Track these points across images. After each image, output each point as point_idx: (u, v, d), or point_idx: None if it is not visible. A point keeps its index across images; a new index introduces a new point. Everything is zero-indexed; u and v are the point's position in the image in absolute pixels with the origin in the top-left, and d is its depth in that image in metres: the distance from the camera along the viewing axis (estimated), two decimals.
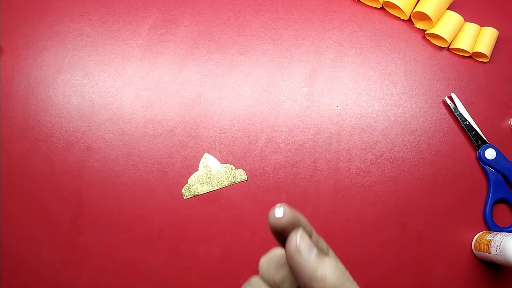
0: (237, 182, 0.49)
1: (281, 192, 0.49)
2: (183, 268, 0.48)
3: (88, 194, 0.48)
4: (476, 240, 0.49)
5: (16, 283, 0.47)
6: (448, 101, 0.52)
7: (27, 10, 0.51)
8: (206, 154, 0.49)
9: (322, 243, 0.28)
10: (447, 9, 0.52)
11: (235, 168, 0.49)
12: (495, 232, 0.47)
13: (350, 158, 0.51)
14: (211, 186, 0.49)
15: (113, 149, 0.49)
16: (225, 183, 0.49)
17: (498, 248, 0.44)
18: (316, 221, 0.49)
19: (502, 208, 0.51)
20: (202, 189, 0.49)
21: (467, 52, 0.53)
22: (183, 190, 0.49)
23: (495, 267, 0.50)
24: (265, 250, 0.52)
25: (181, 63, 0.51)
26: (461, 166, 0.51)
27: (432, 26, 0.52)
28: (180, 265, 0.48)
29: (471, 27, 0.53)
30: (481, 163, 0.51)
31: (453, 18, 0.52)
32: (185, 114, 0.50)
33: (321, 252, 0.26)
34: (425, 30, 0.53)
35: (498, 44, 0.54)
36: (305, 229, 0.26)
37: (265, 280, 0.28)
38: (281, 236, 0.26)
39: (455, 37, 0.53)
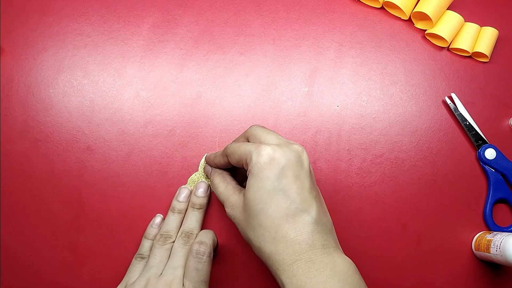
0: None
1: None
2: None
3: (88, 194, 0.48)
4: (476, 240, 0.49)
5: (16, 283, 0.47)
6: (448, 101, 0.52)
7: (27, 10, 0.51)
8: (206, 154, 0.49)
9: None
10: (447, 9, 0.52)
11: None
12: (495, 232, 0.47)
13: (350, 158, 0.51)
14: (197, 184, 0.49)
15: (113, 149, 0.49)
16: None
17: (498, 248, 0.44)
18: None
19: (502, 208, 0.51)
20: None
21: (467, 52, 0.53)
22: None
23: (495, 267, 0.50)
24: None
25: (181, 63, 0.51)
26: (461, 166, 0.51)
27: (432, 26, 0.52)
28: None
29: (471, 27, 0.53)
30: (481, 163, 0.51)
31: (453, 18, 0.52)
32: (185, 114, 0.50)
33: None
34: (425, 30, 0.53)
35: (498, 44, 0.54)
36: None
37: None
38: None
39: (455, 37, 0.53)
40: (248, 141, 0.42)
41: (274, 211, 0.36)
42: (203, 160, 0.49)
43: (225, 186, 0.43)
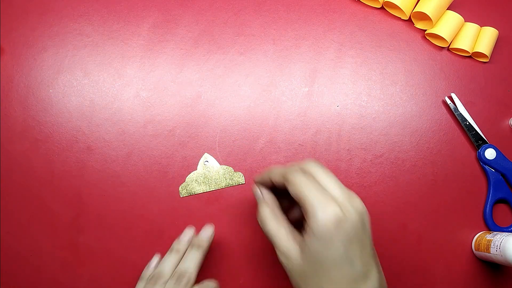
0: (234, 184, 0.49)
1: None
2: None
3: (88, 194, 0.48)
4: (476, 240, 0.49)
5: (16, 283, 0.47)
6: (448, 101, 0.52)
7: (27, 10, 0.51)
8: (206, 154, 0.49)
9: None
10: (447, 9, 0.52)
11: (234, 171, 0.49)
12: (495, 232, 0.47)
13: (350, 158, 0.51)
14: (208, 187, 0.49)
15: (113, 149, 0.49)
16: (223, 184, 0.49)
17: (498, 248, 0.44)
18: None
19: (502, 208, 0.51)
20: (199, 188, 0.49)
21: (467, 52, 0.53)
22: (180, 188, 0.49)
23: (495, 267, 0.50)
24: (265, 249, 0.52)
25: (181, 63, 0.51)
26: (461, 166, 0.51)
27: (432, 26, 0.52)
28: None
29: (471, 27, 0.53)
30: (481, 163, 0.51)
31: (453, 18, 0.52)
32: (185, 114, 0.50)
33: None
34: (425, 30, 0.53)
35: (498, 44, 0.54)
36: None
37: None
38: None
39: (455, 37, 0.53)
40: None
41: (337, 277, 0.35)
42: (202, 158, 0.49)
43: (276, 227, 0.38)
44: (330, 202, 0.34)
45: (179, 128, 0.50)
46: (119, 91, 0.50)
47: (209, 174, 0.49)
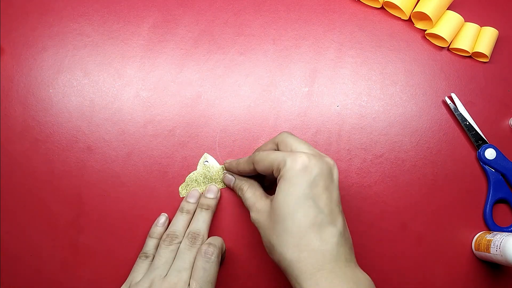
0: None
1: None
2: None
3: (88, 194, 0.48)
4: (476, 240, 0.49)
5: (16, 283, 0.47)
6: (448, 101, 0.52)
7: (27, 10, 0.51)
8: (205, 154, 0.49)
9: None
10: (447, 9, 0.52)
11: None
12: (495, 232, 0.47)
13: (350, 158, 0.51)
14: (208, 186, 0.49)
15: (113, 149, 0.49)
16: (223, 184, 0.49)
17: (498, 248, 0.44)
18: None
19: (502, 208, 0.51)
20: (199, 188, 0.49)
21: (467, 52, 0.53)
22: (180, 188, 0.49)
23: (495, 267, 0.50)
24: (265, 250, 0.51)
25: (181, 63, 0.51)
26: (461, 166, 0.51)
27: (432, 26, 0.52)
28: None
29: (471, 27, 0.53)
30: (481, 163, 0.51)
31: (453, 18, 0.52)
32: (185, 114, 0.50)
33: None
34: (425, 30, 0.54)
35: (498, 44, 0.54)
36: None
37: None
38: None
39: (455, 37, 0.53)
40: (277, 148, 0.42)
41: (302, 217, 0.36)
42: (202, 158, 0.49)
43: (253, 192, 0.43)
44: (300, 154, 0.38)
45: (179, 128, 0.50)
46: (119, 91, 0.50)
47: (209, 174, 0.49)
